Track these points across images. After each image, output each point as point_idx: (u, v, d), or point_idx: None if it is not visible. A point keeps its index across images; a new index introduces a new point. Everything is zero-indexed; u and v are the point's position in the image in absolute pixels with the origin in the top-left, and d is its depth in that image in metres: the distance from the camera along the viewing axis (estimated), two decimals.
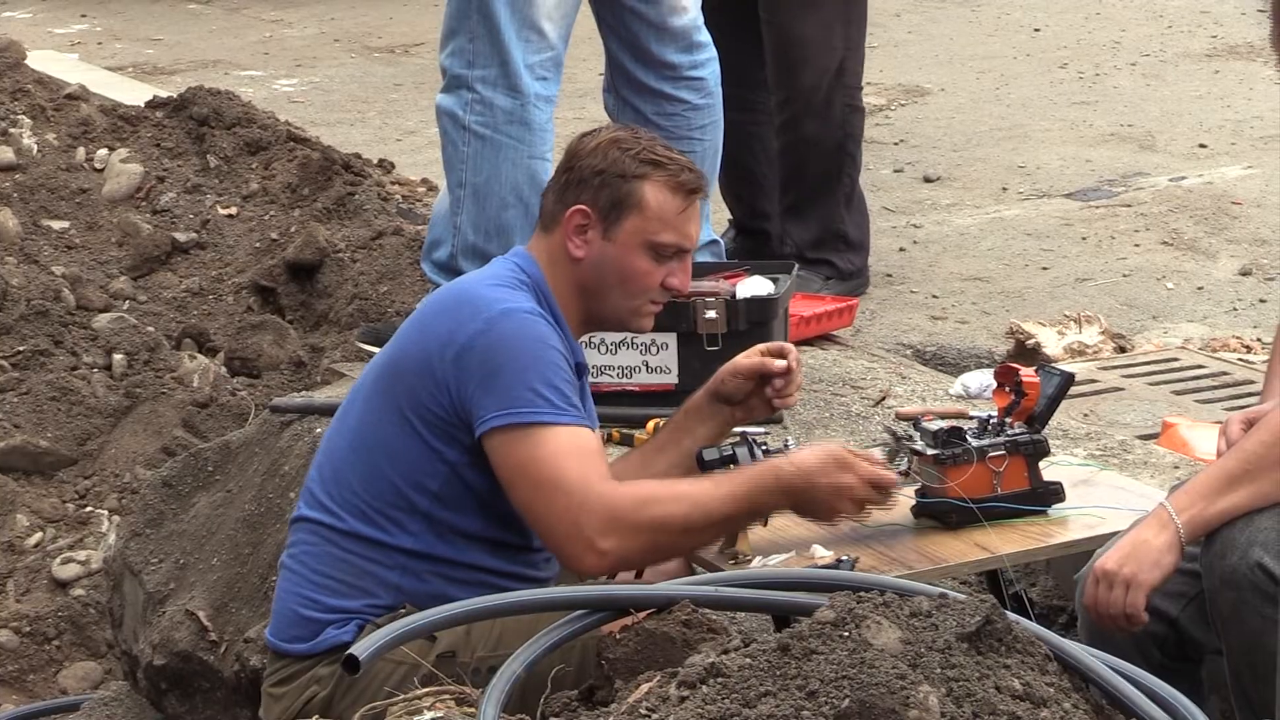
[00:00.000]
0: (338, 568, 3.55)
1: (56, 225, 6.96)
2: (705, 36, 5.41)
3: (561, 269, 3.61)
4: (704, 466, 3.68)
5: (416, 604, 3.40)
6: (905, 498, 3.81)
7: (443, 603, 3.10)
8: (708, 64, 5.41)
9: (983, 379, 4.88)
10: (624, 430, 4.47)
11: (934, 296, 6.35)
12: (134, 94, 8.43)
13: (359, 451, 3.56)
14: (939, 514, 3.75)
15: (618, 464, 3.78)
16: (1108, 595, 3.40)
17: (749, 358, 3.77)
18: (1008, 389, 3.82)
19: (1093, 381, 5.23)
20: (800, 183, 6.11)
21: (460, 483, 3.51)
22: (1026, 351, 5.53)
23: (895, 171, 7.82)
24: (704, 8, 5.37)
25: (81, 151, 7.27)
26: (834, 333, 5.42)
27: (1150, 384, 5.25)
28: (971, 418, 3.85)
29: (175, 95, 7.59)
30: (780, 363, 3.76)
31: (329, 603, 3.55)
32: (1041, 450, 3.79)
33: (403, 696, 2.96)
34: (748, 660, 2.62)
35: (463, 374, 3.45)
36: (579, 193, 3.60)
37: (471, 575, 3.51)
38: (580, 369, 3.61)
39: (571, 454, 3.41)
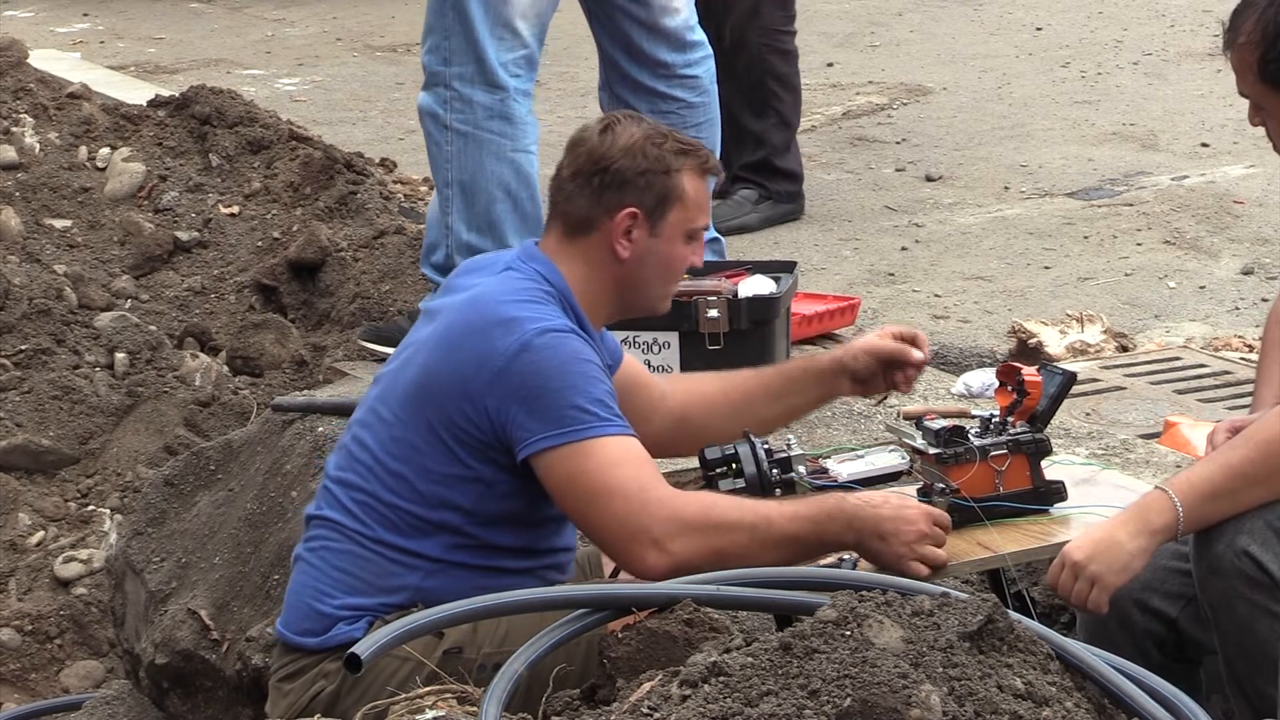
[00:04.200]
0: (359, 566, 3.54)
1: (59, 224, 6.96)
2: (699, 35, 5.42)
3: (601, 271, 3.59)
4: (705, 464, 3.70)
5: (432, 604, 3.38)
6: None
7: None
8: (702, 62, 5.41)
9: (985, 378, 4.88)
10: None
11: (936, 295, 6.35)
12: (136, 93, 8.43)
13: (386, 465, 3.53)
14: None
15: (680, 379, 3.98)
16: (1070, 584, 3.39)
17: (885, 340, 3.85)
18: (1010, 388, 3.82)
19: (1095, 380, 5.23)
20: (734, 114, 6.60)
21: (493, 499, 3.50)
22: (1028, 350, 5.53)
23: (897, 170, 7.81)
24: None
25: (84, 150, 7.26)
26: (836, 332, 5.41)
27: (1152, 383, 5.25)
28: (974, 417, 3.84)
29: (177, 94, 7.58)
30: (919, 354, 3.87)
31: (344, 599, 3.54)
32: (1044, 449, 3.79)
33: (405, 695, 2.97)
34: (749, 659, 2.62)
35: (502, 397, 3.43)
36: (623, 194, 3.57)
37: (496, 580, 3.48)
38: (613, 368, 3.61)
39: (624, 462, 3.41)
